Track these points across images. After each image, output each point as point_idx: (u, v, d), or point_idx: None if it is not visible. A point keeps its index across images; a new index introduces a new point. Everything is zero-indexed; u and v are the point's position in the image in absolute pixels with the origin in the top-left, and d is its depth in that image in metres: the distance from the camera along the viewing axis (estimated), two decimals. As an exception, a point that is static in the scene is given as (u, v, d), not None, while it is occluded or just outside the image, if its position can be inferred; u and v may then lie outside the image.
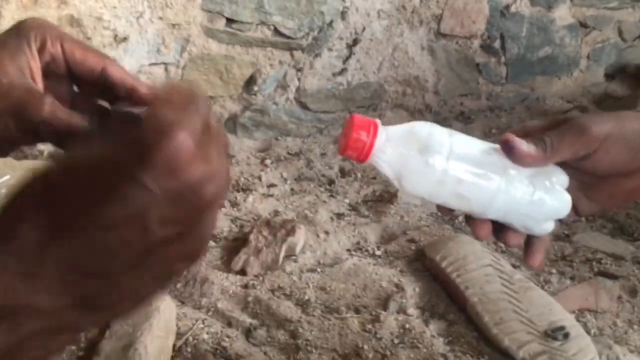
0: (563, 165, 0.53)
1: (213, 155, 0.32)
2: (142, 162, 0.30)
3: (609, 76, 2.09)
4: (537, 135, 0.52)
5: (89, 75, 0.46)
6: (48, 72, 0.45)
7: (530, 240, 0.56)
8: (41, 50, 0.44)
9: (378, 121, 0.50)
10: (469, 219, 0.55)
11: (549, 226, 0.54)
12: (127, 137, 0.31)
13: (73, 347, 0.71)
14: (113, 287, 0.32)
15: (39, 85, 0.44)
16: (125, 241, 0.30)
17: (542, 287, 1.08)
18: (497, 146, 0.52)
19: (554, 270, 1.15)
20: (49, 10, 1.17)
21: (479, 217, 0.53)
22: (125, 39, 1.30)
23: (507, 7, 1.79)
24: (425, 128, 0.51)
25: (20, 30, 0.44)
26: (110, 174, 0.30)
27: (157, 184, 0.30)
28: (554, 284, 1.11)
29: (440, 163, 0.49)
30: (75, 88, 0.49)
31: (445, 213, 0.55)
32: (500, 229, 0.54)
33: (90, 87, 0.47)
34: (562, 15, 1.91)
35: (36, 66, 0.44)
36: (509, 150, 0.50)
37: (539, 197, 0.52)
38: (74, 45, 0.46)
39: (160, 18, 1.33)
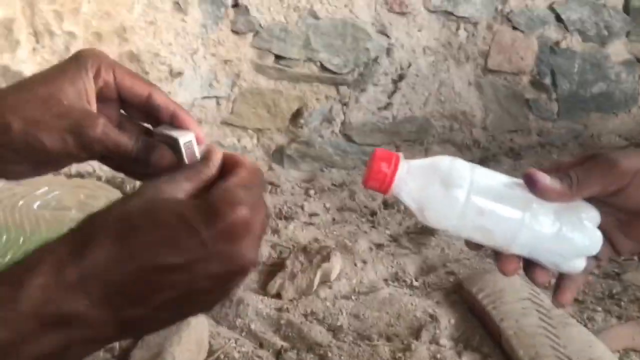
0: (597, 202, 0.52)
1: (258, 229, 0.39)
2: (208, 224, 0.36)
3: (670, 113, 2.02)
4: (566, 170, 0.51)
5: (136, 99, 0.51)
6: (100, 96, 0.50)
7: (560, 278, 0.55)
8: (96, 76, 0.49)
9: (400, 154, 0.52)
10: (496, 254, 0.54)
11: (579, 264, 0.53)
12: (203, 199, 0.38)
13: (107, 355, 0.75)
14: (150, 317, 0.38)
15: (93, 107, 0.50)
16: (173, 284, 0.37)
17: (585, 325, 1.04)
18: (521, 181, 0.52)
19: (599, 308, 1.11)
20: (111, 47, 1.28)
21: (505, 252, 0.53)
22: (180, 74, 1.38)
23: (557, 43, 1.78)
24: (447, 161, 0.52)
25: (78, 59, 0.50)
26: (180, 226, 0.36)
27: (214, 245, 0.36)
28: (598, 322, 1.07)
29: (461, 196, 0.50)
30: (122, 111, 0.54)
31: (473, 248, 0.55)
32: (529, 265, 0.53)
33: (136, 110, 0.52)
34: (617, 51, 1.87)
35: (91, 90, 0.49)
36: (532, 185, 0.50)
37: (565, 233, 0.51)
38: (125, 73, 0.51)
39: (213, 55, 1.41)
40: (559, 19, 1.75)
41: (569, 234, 0.51)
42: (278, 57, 1.47)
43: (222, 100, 1.47)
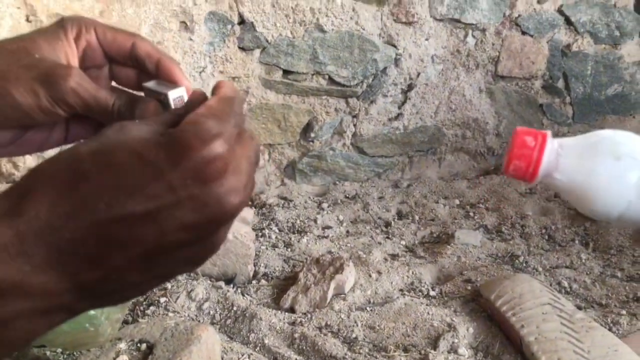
0: None
1: (243, 167, 0.32)
2: (174, 163, 0.30)
3: (689, 112, 1.97)
4: None
5: (120, 52, 0.47)
6: (86, 60, 0.46)
7: None
8: (77, 38, 0.46)
9: (548, 131, 0.45)
10: None
11: None
12: (164, 134, 0.31)
13: (118, 372, 0.74)
14: (115, 279, 0.32)
15: None
16: (138, 238, 0.30)
17: (610, 329, 1.01)
18: None
19: (623, 312, 1.07)
20: (120, 68, 1.29)
21: None
22: (188, 92, 1.39)
23: (568, 46, 1.76)
24: (609, 133, 0.45)
25: (59, 22, 0.46)
26: (139, 167, 0.30)
27: (184, 188, 0.30)
28: (623, 325, 1.03)
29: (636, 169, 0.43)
30: (114, 83, 0.49)
31: None
32: None
33: (126, 72, 0.48)
34: (631, 51, 1.84)
35: (72, 54, 0.45)
36: None
37: None
38: (106, 28, 0.47)
39: (221, 72, 1.42)
40: (568, 21, 1.73)
41: None
42: (286, 72, 1.47)
43: (231, 117, 1.47)
